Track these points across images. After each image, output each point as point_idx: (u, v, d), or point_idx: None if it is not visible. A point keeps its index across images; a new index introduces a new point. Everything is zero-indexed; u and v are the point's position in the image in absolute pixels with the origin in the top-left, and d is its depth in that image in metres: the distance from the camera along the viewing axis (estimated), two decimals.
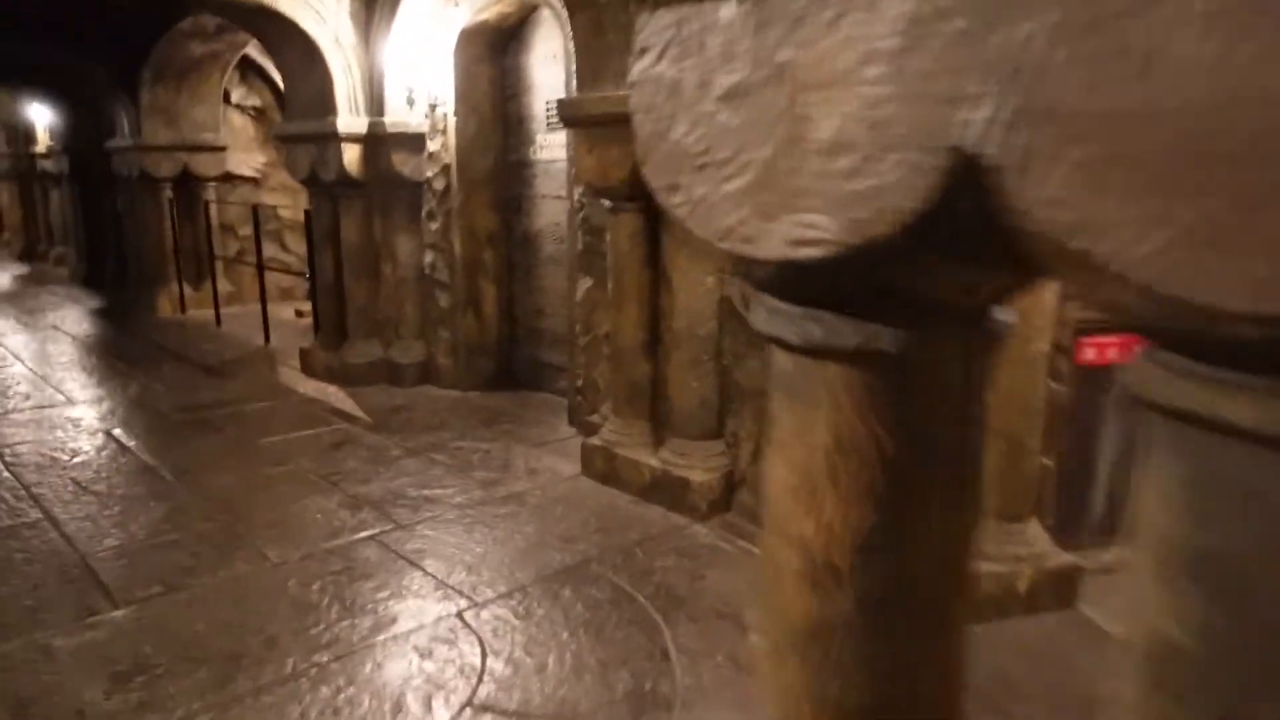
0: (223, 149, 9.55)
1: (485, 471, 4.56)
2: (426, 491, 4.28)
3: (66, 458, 4.88)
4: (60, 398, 6.17)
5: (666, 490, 4.02)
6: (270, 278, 8.41)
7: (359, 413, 5.64)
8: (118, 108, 9.34)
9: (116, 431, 5.41)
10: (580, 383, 5.06)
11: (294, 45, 5.94)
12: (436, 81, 5.85)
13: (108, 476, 4.56)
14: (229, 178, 9.77)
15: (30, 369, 7.01)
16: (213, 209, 9.38)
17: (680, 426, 4.08)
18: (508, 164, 6.05)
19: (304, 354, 6.73)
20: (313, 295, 7.01)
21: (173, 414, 5.75)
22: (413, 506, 4.10)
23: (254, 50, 9.53)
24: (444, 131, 5.90)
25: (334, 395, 6.07)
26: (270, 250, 9.68)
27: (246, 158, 10.00)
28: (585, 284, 4.92)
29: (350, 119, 5.98)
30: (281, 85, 10.40)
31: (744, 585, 3.34)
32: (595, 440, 4.41)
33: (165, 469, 4.70)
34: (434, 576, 3.44)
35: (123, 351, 7.77)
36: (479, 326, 6.14)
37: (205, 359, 7.22)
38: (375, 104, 6.00)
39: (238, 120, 10.01)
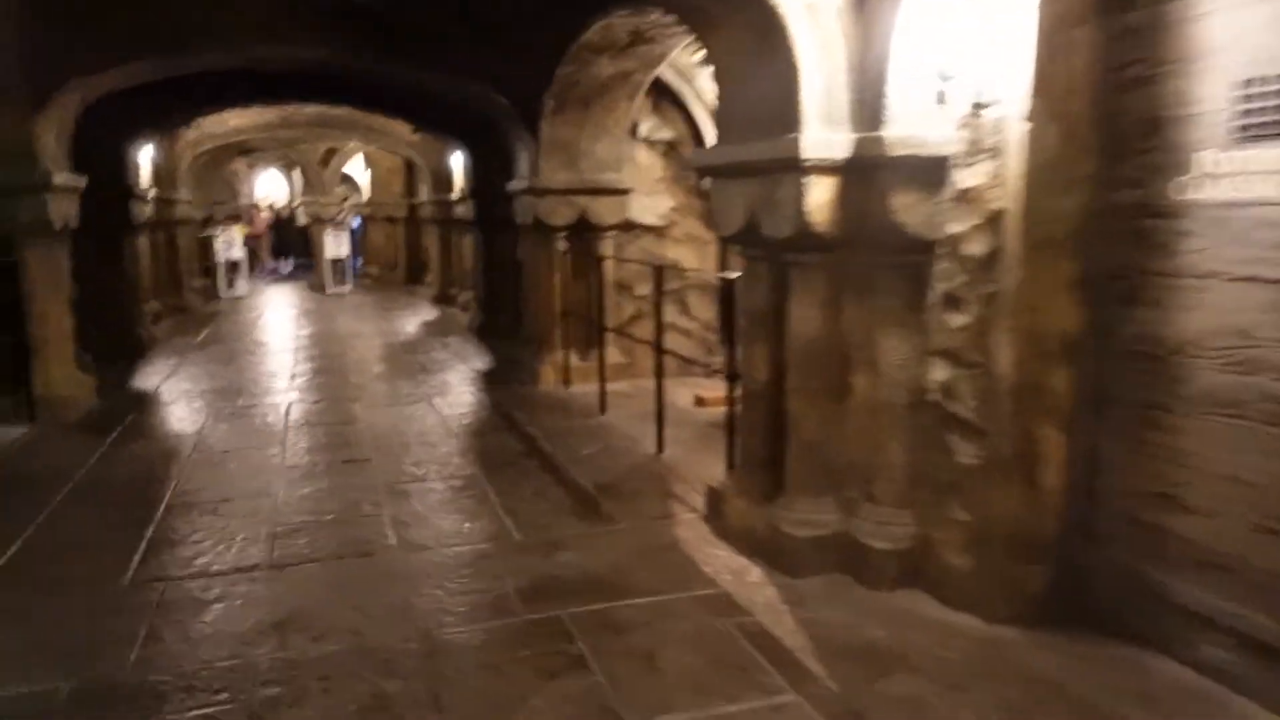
0: (625, 192, 7.82)
1: None
2: None
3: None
4: (385, 536, 4.44)
5: None
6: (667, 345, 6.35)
7: (807, 658, 3.10)
8: (519, 146, 8.03)
9: (433, 629, 3.42)
10: None
11: (737, 20, 3.66)
12: (987, 65, 3.20)
13: None
14: (629, 226, 8.03)
15: (374, 476, 5.52)
16: (608, 264, 7.66)
17: None
18: (1113, 210, 3.20)
19: (713, 497, 4.42)
20: (735, 404, 4.74)
21: (517, 602, 3.64)
22: None
23: (669, 71, 7.72)
24: (994, 152, 3.22)
25: (759, 596, 3.62)
26: (668, 314, 7.72)
27: (651, 203, 8.20)
28: None
29: (824, 135, 3.53)
30: (697, 113, 8.60)
31: None
32: None
33: None
34: None
35: (488, 447, 6.13)
36: (1030, 504, 3.32)
37: (579, 475, 5.25)
38: (868, 109, 3.50)
39: (644, 157, 8.25)
